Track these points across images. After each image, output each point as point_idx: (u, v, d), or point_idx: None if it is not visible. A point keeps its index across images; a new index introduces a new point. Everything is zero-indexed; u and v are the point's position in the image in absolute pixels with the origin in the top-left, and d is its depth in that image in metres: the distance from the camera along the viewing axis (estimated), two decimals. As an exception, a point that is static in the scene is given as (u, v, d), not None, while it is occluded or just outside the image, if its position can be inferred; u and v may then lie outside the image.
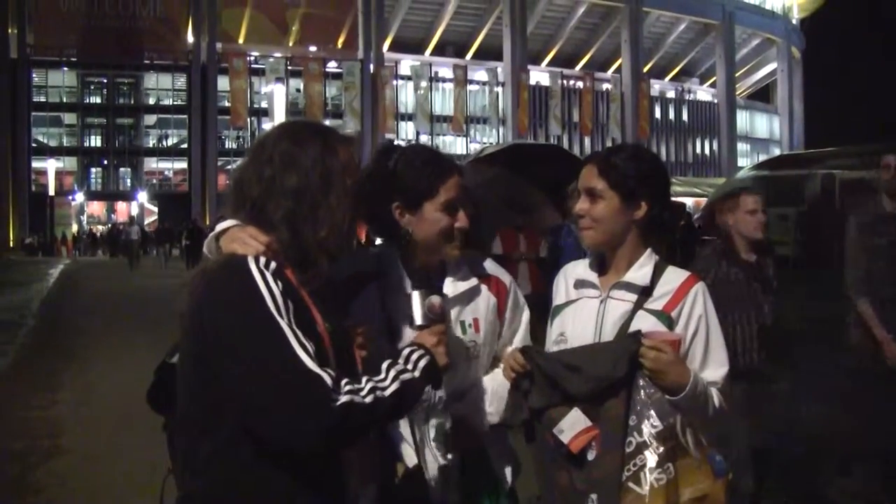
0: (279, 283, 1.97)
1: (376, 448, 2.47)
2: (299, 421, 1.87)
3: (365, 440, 2.24)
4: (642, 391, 2.43)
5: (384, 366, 2.06)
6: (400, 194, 2.57)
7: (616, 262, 2.68)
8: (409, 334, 2.42)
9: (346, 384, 1.93)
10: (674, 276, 2.65)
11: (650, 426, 2.39)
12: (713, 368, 2.59)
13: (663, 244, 2.73)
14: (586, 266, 2.78)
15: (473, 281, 2.71)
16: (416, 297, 2.28)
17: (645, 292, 2.61)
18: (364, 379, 1.99)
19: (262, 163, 2.12)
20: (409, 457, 2.53)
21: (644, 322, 2.55)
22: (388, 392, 1.98)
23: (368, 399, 1.93)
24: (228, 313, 1.94)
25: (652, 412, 2.40)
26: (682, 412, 2.44)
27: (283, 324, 1.92)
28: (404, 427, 2.54)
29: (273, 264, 1.99)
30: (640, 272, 2.64)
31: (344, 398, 1.89)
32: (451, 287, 2.66)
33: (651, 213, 2.63)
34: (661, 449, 2.37)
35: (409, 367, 2.08)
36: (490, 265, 2.82)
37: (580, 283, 2.76)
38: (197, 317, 1.99)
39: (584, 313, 2.68)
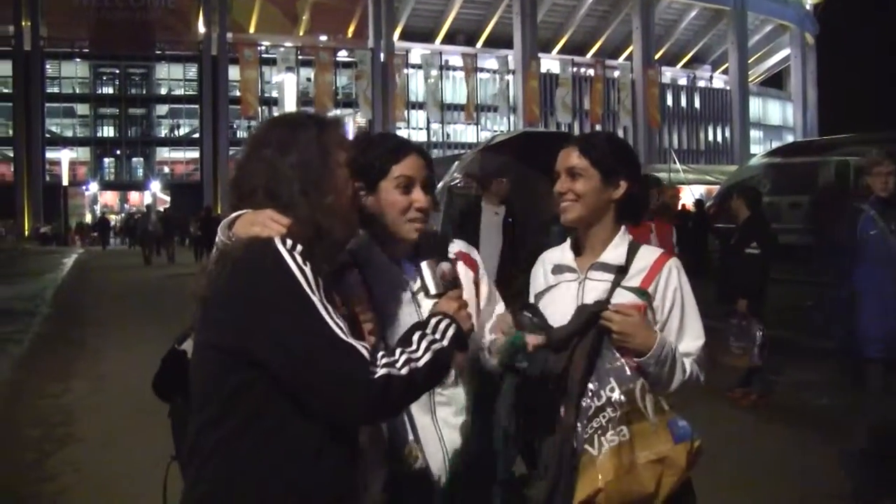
0: (307, 263, 1.99)
1: (384, 434, 2.51)
2: (341, 394, 1.92)
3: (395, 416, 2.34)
4: (606, 360, 2.53)
5: (415, 337, 2.08)
6: (358, 177, 2.58)
7: (591, 242, 2.76)
8: (405, 315, 2.49)
9: (383, 357, 1.97)
10: (648, 254, 2.73)
11: (608, 391, 2.49)
12: (689, 339, 2.68)
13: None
14: (563, 250, 2.86)
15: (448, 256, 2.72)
16: (425, 267, 2.29)
17: (621, 271, 2.68)
18: (398, 351, 2.03)
19: (261, 150, 2.17)
20: (413, 442, 2.56)
21: (623, 298, 2.63)
22: (421, 363, 2.01)
23: (404, 371, 1.97)
24: (262, 294, 1.95)
25: (611, 378, 2.50)
26: (647, 376, 2.54)
27: (317, 300, 1.95)
28: (409, 413, 2.56)
29: (299, 246, 2.01)
30: (615, 252, 2.72)
31: (382, 371, 1.93)
32: None
33: (629, 192, 2.73)
34: (617, 413, 2.46)
35: (438, 336, 2.10)
36: (461, 244, 2.84)
37: (558, 269, 2.83)
38: (222, 303, 2.00)
39: (565, 297, 2.74)
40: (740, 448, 6.75)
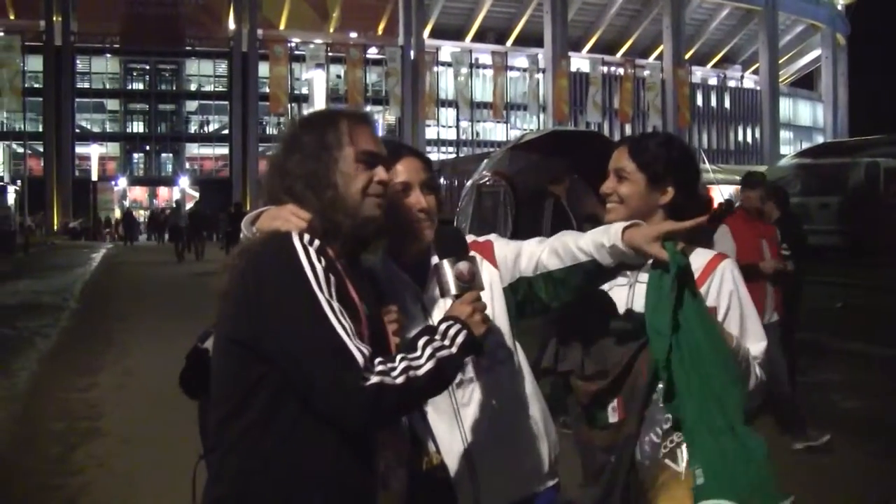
0: (322, 260, 1.98)
1: (405, 433, 2.48)
2: (332, 399, 1.89)
3: (398, 421, 2.31)
4: None
5: (420, 342, 2.02)
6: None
7: None
8: (412, 322, 2.43)
9: (379, 363, 1.92)
10: (700, 257, 2.64)
11: None
12: (752, 342, 2.59)
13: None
14: None
15: None
16: (445, 266, 2.20)
17: None
18: (399, 357, 1.97)
19: (277, 151, 2.22)
20: (434, 452, 2.52)
21: None
22: (421, 371, 1.95)
23: (400, 380, 1.91)
24: (271, 289, 1.95)
25: None
26: None
27: (323, 299, 1.93)
28: (432, 418, 2.52)
29: (316, 242, 2.01)
30: None
31: (374, 378, 1.88)
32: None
33: (676, 199, 2.64)
34: None
35: (446, 342, 2.04)
36: (470, 236, 2.74)
37: None
38: (238, 296, 2.00)
39: (615, 300, 2.64)
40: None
